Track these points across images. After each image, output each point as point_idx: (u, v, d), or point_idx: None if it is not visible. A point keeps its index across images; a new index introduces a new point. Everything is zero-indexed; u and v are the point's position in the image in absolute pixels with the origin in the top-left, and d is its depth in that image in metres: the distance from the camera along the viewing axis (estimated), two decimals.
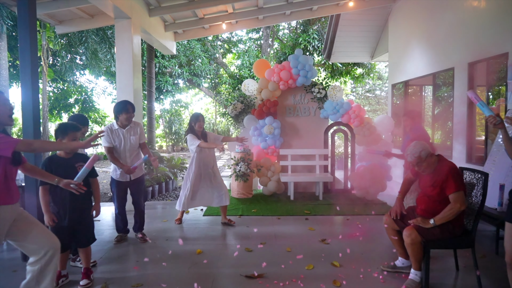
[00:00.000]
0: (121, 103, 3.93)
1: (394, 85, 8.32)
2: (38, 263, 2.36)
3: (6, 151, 2.17)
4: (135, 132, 4.05)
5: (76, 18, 6.23)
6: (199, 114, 4.60)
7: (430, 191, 2.97)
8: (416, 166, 2.93)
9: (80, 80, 12.93)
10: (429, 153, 2.90)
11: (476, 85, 5.34)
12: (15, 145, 2.18)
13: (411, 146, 2.93)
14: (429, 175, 2.99)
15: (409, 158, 2.92)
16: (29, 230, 2.36)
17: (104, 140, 3.92)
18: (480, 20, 5.06)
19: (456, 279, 3.17)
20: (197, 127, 4.51)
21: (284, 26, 16.87)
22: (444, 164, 2.92)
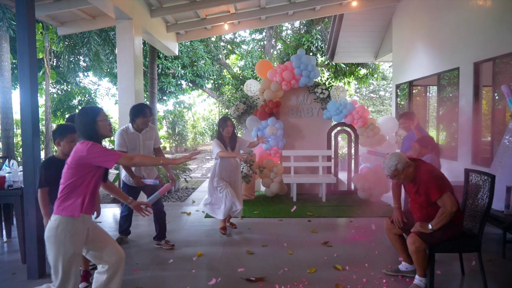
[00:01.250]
0: (138, 106, 3.79)
1: (398, 85, 8.23)
2: (107, 272, 2.38)
3: (109, 163, 2.26)
4: (151, 136, 3.91)
5: (77, 19, 6.23)
6: (227, 119, 4.30)
7: (417, 198, 2.94)
8: (394, 179, 2.91)
9: (83, 81, 12.96)
10: (406, 163, 2.85)
11: (481, 85, 5.25)
12: (118, 158, 2.25)
13: (386, 159, 2.89)
14: (411, 183, 2.95)
15: (386, 172, 2.88)
16: (103, 240, 2.43)
17: (118, 143, 3.76)
18: (486, 18, 4.98)
19: (461, 283, 3.10)
20: (224, 133, 4.26)
21: (287, 26, 16.81)
22: (422, 171, 2.88)
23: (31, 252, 3.21)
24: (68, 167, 2.28)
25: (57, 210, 2.25)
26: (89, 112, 2.38)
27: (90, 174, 2.29)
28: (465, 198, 3.12)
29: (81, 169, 2.25)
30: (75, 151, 2.27)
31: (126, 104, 5.46)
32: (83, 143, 2.27)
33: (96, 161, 2.24)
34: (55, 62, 11.36)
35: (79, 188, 2.26)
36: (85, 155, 2.21)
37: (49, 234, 2.22)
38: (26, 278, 3.22)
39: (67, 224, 2.21)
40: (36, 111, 3.22)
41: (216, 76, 14.75)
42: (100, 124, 2.36)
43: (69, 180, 2.26)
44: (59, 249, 2.19)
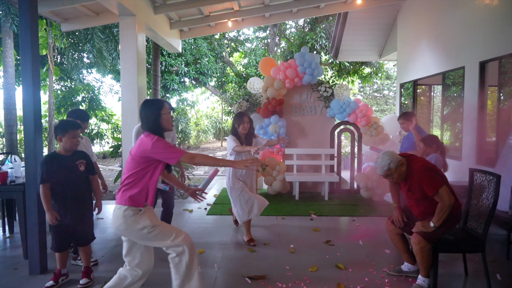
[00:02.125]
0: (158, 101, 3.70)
1: (402, 84, 8.18)
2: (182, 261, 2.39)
3: (171, 160, 2.28)
4: (168, 134, 3.78)
5: (81, 15, 6.22)
6: (244, 114, 3.97)
7: (411, 195, 2.92)
8: (387, 178, 2.88)
9: (87, 78, 12.98)
10: (399, 162, 2.81)
11: (487, 85, 5.20)
12: (180, 155, 2.27)
13: (379, 159, 2.85)
14: (402, 182, 2.94)
15: (379, 172, 2.85)
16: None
17: (134, 139, 3.69)
18: (492, 17, 4.93)
19: (465, 284, 3.07)
20: (240, 130, 3.93)
21: (291, 24, 16.76)
22: (414, 168, 2.84)
23: (33, 247, 3.20)
24: (132, 158, 2.31)
25: (121, 200, 2.29)
26: (154, 104, 2.40)
27: (153, 166, 2.31)
28: (470, 198, 3.09)
29: (144, 161, 2.28)
30: (140, 143, 2.30)
31: (128, 101, 5.47)
32: (148, 136, 2.29)
33: (159, 156, 2.26)
34: (59, 58, 11.38)
35: (143, 179, 2.29)
36: (149, 149, 2.24)
37: (119, 224, 2.28)
38: (28, 273, 3.21)
39: (131, 214, 2.26)
40: (38, 107, 3.22)
41: (219, 73, 14.73)
42: (164, 117, 2.38)
43: (132, 170, 2.30)
44: (137, 233, 2.28)
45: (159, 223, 2.36)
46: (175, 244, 2.33)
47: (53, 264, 3.21)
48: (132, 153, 2.32)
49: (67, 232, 2.98)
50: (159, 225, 2.34)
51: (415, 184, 2.83)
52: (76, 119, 3.53)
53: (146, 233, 2.28)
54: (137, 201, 2.27)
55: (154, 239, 2.31)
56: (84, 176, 3.06)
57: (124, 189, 2.31)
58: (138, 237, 2.31)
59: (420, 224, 2.81)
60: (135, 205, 2.27)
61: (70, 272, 3.15)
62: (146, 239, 2.31)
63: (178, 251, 2.34)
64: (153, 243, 2.35)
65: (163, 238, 2.31)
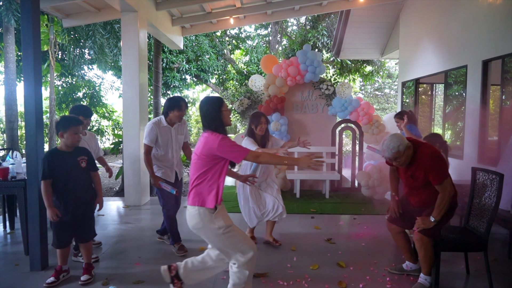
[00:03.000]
0: (173, 99, 3.54)
1: (404, 83, 8.15)
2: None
3: (237, 159, 2.30)
4: (182, 131, 3.72)
5: (83, 11, 6.20)
6: (261, 114, 3.71)
7: (412, 182, 2.86)
8: (394, 161, 2.78)
9: (88, 74, 12.96)
10: (407, 145, 2.72)
11: (490, 84, 5.18)
12: (246, 154, 2.29)
13: (387, 140, 2.73)
14: (405, 168, 2.86)
15: (387, 154, 2.73)
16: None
17: (147, 136, 3.49)
18: (495, 16, 4.90)
19: (466, 283, 3.07)
20: (258, 131, 3.67)
21: (293, 22, 16.70)
22: (424, 154, 2.75)
23: (33, 243, 3.20)
24: (198, 158, 2.33)
25: (194, 201, 2.33)
26: (214, 101, 2.42)
27: (220, 164, 2.33)
28: (472, 197, 3.08)
29: (211, 159, 2.31)
30: (205, 142, 2.31)
31: (130, 98, 5.46)
32: (213, 135, 2.31)
33: (225, 154, 2.28)
34: (60, 54, 11.35)
35: (212, 178, 2.32)
36: (216, 147, 2.26)
37: (195, 223, 2.33)
38: (29, 269, 3.21)
39: (206, 213, 2.30)
40: (39, 103, 3.21)
41: (220, 71, 14.70)
42: (224, 114, 2.42)
43: (200, 170, 2.33)
44: (212, 232, 2.31)
45: (232, 224, 2.38)
46: (244, 250, 2.33)
47: (54, 261, 3.21)
48: (197, 153, 2.35)
49: (68, 228, 2.97)
50: (233, 227, 2.37)
51: (420, 170, 2.75)
52: (78, 115, 3.51)
53: (221, 234, 2.30)
54: (210, 201, 2.30)
55: (227, 240, 2.32)
56: (86, 173, 3.05)
57: (195, 189, 2.34)
58: (213, 236, 2.33)
59: (421, 221, 2.76)
60: (209, 206, 2.30)
61: (71, 269, 3.15)
62: (220, 240, 2.32)
63: (242, 260, 2.33)
64: (225, 244, 2.33)
65: (235, 241, 2.33)
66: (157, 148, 3.57)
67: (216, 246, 2.37)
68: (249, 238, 2.41)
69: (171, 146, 3.61)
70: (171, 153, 3.61)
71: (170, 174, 3.65)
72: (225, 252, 2.36)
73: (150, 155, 3.55)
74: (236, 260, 2.34)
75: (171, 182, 3.63)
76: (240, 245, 2.32)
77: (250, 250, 2.34)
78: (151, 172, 3.53)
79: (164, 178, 3.59)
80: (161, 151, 3.57)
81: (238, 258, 2.33)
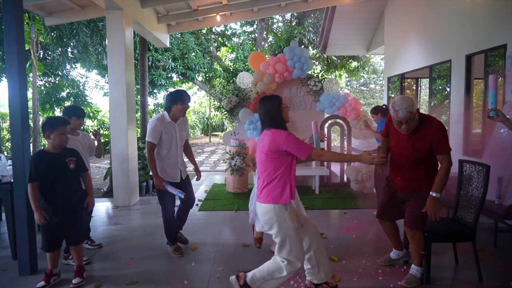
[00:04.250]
0: (175, 92, 3.40)
1: (389, 78, 8.26)
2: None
3: (302, 155, 2.35)
4: (184, 127, 3.60)
5: (66, 9, 6.06)
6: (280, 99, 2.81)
7: (410, 153, 2.74)
8: (404, 124, 2.63)
9: (71, 73, 12.69)
10: (417, 109, 2.66)
11: (473, 78, 5.30)
12: (310, 151, 2.35)
13: (400, 100, 2.60)
14: (406, 136, 2.74)
15: (401, 114, 2.57)
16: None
17: (151, 133, 3.32)
18: (478, 11, 5.00)
19: (456, 272, 3.14)
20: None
21: (278, 19, 16.71)
22: (435, 123, 2.70)
23: (22, 248, 3.13)
24: (267, 156, 2.41)
25: (268, 199, 2.40)
26: (274, 99, 2.50)
27: (288, 160, 2.41)
28: (459, 189, 3.15)
29: (279, 156, 2.38)
30: (272, 139, 2.38)
31: (117, 97, 5.38)
32: (278, 131, 2.40)
33: (291, 150, 2.35)
34: (42, 53, 11.08)
35: (283, 175, 2.39)
36: (283, 142, 2.34)
37: (268, 218, 2.42)
38: (18, 274, 3.15)
39: (282, 209, 2.37)
40: (25, 103, 3.13)
41: (207, 68, 14.61)
42: (284, 111, 2.55)
43: (270, 167, 2.41)
44: (282, 230, 2.39)
45: (298, 226, 2.45)
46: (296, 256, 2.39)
47: (44, 264, 3.15)
48: (265, 151, 2.41)
49: (58, 231, 2.91)
50: (298, 231, 2.44)
51: (426, 139, 2.66)
52: (71, 115, 3.47)
53: (292, 232, 2.38)
54: (284, 198, 2.37)
55: (289, 240, 2.39)
56: (75, 174, 2.99)
57: (267, 188, 2.41)
58: (281, 232, 2.40)
59: (430, 207, 2.63)
60: (283, 202, 2.37)
61: (62, 272, 3.10)
62: (286, 237, 2.39)
63: (289, 260, 2.38)
64: (287, 242, 2.40)
65: (294, 245, 2.40)
66: (160, 146, 3.40)
67: (279, 240, 2.44)
68: (302, 248, 2.47)
69: (175, 144, 3.45)
70: (175, 150, 3.46)
71: (174, 175, 3.49)
72: (281, 246, 2.43)
73: (153, 153, 3.39)
74: (284, 259, 2.41)
75: (176, 183, 3.48)
76: (295, 251, 2.40)
77: (299, 261, 2.41)
78: (154, 173, 3.35)
79: (169, 180, 3.43)
80: (164, 149, 3.41)
81: (288, 259, 2.40)
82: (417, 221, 2.78)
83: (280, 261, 2.42)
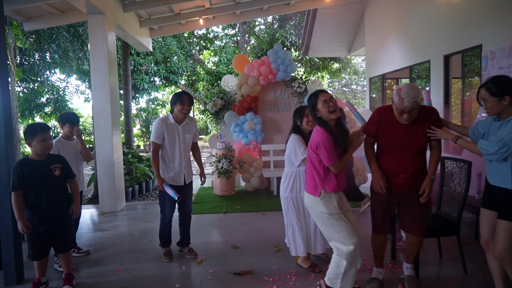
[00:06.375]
0: (176, 93, 3.38)
1: (371, 78, 8.44)
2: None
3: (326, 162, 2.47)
4: (190, 129, 3.52)
5: (45, 14, 5.94)
6: (305, 107, 3.01)
7: (411, 144, 2.56)
8: (407, 114, 2.45)
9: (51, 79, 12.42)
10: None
11: (451, 77, 5.48)
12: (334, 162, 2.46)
13: (406, 88, 2.41)
14: (405, 126, 2.57)
15: (407, 103, 2.38)
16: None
17: (154, 133, 3.33)
18: (455, 13, 5.19)
19: (441, 266, 3.24)
20: (305, 126, 3.05)
21: (260, 21, 16.82)
22: (427, 108, 2.63)
23: (8, 257, 3.06)
24: (313, 152, 2.54)
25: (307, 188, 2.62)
26: (312, 96, 2.57)
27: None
28: (442, 185, 3.26)
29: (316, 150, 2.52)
30: (314, 137, 2.53)
31: (100, 102, 5.31)
32: (320, 130, 2.50)
33: (320, 152, 2.46)
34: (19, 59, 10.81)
35: (318, 169, 2.53)
36: (318, 141, 2.46)
37: (307, 201, 2.64)
38: (4, 284, 3.07)
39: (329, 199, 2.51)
40: (8, 110, 3.07)
41: (190, 72, 14.56)
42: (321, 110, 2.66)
43: (310, 160, 2.58)
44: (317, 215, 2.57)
45: (339, 213, 2.49)
46: (345, 240, 2.46)
47: (31, 273, 3.09)
48: (312, 147, 2.54)
49: (44, 239, 2.86)
50: (340, 216, 2.49)
51: (424, 126, 2.55)
52: (65, 122, 3.48)
53: (325, 218, 2.51)
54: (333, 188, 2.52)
55: (330, 226, 2.51)
56: (60, 181, 2.93)
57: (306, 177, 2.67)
58: (317, 218, 2.60)
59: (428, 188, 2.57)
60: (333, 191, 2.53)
61: (51, 280, 3.06)
62: (323, 223, 2.57)
63: (342, 249, 2.47)
64: (327, 229, 2.55)
65: (338, 229, 2.48)
66: (163, 147, 3.39)
67: (320, 227, 2.63)
68: (353, 231, 2.48)
69: (178, 146, 3.41)
70: (178, 153, 3.42)
71: (177, 178, 3.45)
72: (326, 236, 2.59)
73: (157, 154, 3.37)
74: (336, 248, 2.51)
75: (179, 186, 3.46)
76: (342, 235, 2.46)
77: (351, 243, 2.44)
78: (156, 173, 3.34)
79: (172, 183, 3.41)
80: (167, 150, 3.40)
81: (338, 247, 2.50)
82: (423, 227, 2.67)
83: (335, 253, 2.53)
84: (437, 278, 3.02)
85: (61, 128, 3.57)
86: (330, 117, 2.49)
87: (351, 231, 2.47)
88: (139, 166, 7.57)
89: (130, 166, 7.26)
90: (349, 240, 2.44)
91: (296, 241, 3.09)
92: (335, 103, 2.51)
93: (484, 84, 2.36)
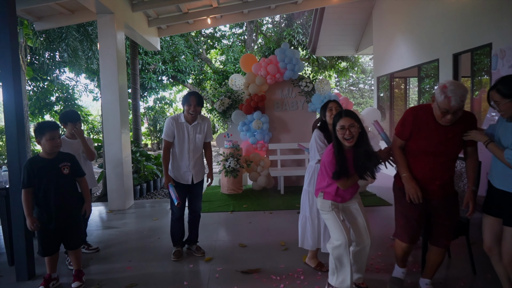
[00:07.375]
0: (186, 93, 3.43)
1: (379, 77, 8.40)
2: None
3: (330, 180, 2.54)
4: (202, 129, 3.49)
5: (55, 14, 6.02)
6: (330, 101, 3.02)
7: (449, 148, 2.38)
8: (451, 114, 2.26)
9: (60, 78, 12.59)
10: None
11: (460, 76, 5.43)
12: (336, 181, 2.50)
13: (453, 86, 2.21)
14: (444, 128, 2.37)
15: (454, 102, 2.18)
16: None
17: (165, 131, 3.40)
18: (464, 11, 5.14)
19: (450, 267, 3.22)
20: (328, 120, 2.97)
21: (268, 20, 16.81)
22: (469, 114, 2.44)
23: (20, 253, 3.12)
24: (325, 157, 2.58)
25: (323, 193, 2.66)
26: (336, 115, 2.54)
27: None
28: None
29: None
30: (327, 150, 2.58)
31: (110, 101, 5.37)
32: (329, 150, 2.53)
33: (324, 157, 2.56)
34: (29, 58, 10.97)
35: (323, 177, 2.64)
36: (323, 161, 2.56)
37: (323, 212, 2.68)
38: (15, 280, 3.13)
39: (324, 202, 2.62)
40: (20, 108, 3.13)
41: (197, 71, 14.62)
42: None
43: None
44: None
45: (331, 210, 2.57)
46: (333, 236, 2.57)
47: (42, 269, 3.15)
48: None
49: (54, 236, 2.90)
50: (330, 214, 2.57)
51: (463, 130, 2.38)
52: (66, 122, 3.51)
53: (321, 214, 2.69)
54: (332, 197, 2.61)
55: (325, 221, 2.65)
56: (69, 179, 2.96)
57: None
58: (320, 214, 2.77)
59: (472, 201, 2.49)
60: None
61: (61, 276, 3.10)
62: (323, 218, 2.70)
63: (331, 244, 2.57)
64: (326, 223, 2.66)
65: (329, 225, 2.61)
66: (174, 145, 3.44)
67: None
68: (342, 231, 2.51)
69: (187, 145, 3.43)
70: (187, 152, 3.43)
71: (185, 176, 3.46)
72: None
73: (168, 152, 3.42)
74: (330, 242, 2.60)
75: (186, 185, 3.48)
76: (332, 231, 2.57)
77: (337, 239, 2.52)
78: (164, 171, 3.39)
79: (179, 181, 3.44)
80: (177, 148, 3.43)
81: (331, 241, 2.59)
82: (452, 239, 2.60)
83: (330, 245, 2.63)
84: (446, 279, 3.00)
85: (64, 128, 3.62)
86: (344, 142, 2.39)
87: (339, 231, 2.52)
88: (147, 165, 7.63)
89: (138, 164, 7.32)
90: (335, 237, 2.53)
91: (306, 234, 3.17)
92: (354, 132, 2.35)
93: (494, 86, 2.26)
